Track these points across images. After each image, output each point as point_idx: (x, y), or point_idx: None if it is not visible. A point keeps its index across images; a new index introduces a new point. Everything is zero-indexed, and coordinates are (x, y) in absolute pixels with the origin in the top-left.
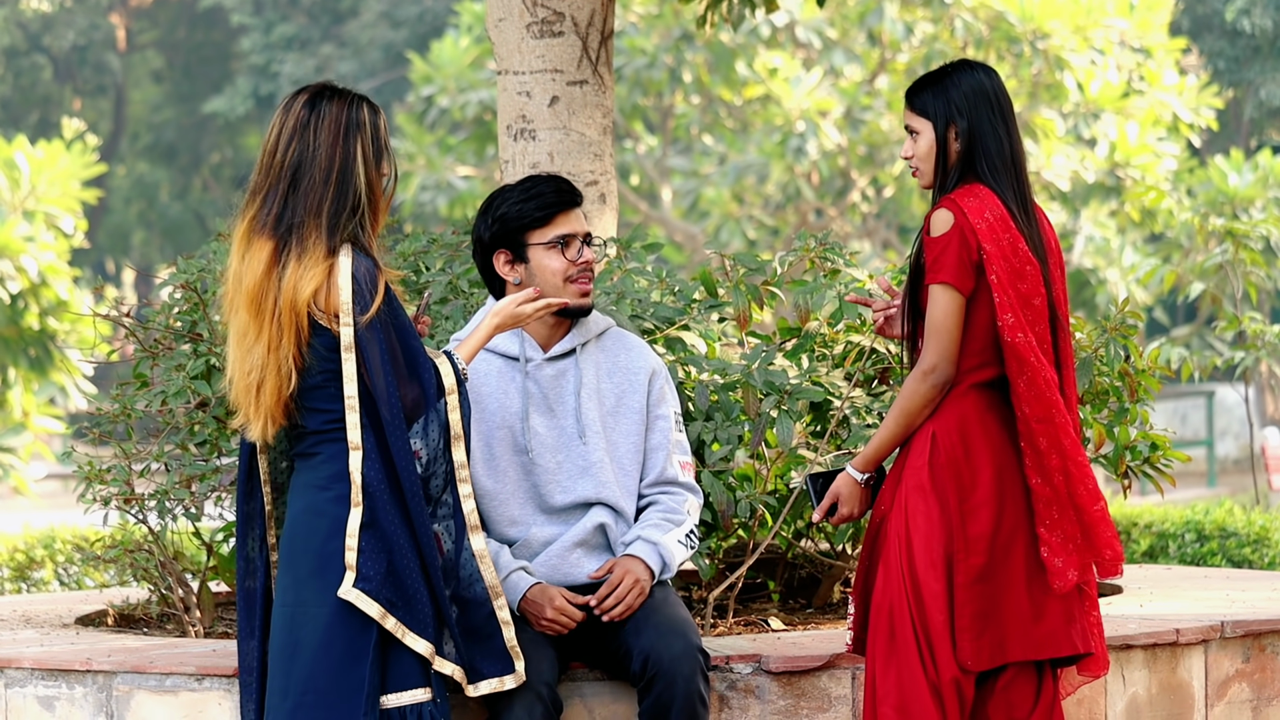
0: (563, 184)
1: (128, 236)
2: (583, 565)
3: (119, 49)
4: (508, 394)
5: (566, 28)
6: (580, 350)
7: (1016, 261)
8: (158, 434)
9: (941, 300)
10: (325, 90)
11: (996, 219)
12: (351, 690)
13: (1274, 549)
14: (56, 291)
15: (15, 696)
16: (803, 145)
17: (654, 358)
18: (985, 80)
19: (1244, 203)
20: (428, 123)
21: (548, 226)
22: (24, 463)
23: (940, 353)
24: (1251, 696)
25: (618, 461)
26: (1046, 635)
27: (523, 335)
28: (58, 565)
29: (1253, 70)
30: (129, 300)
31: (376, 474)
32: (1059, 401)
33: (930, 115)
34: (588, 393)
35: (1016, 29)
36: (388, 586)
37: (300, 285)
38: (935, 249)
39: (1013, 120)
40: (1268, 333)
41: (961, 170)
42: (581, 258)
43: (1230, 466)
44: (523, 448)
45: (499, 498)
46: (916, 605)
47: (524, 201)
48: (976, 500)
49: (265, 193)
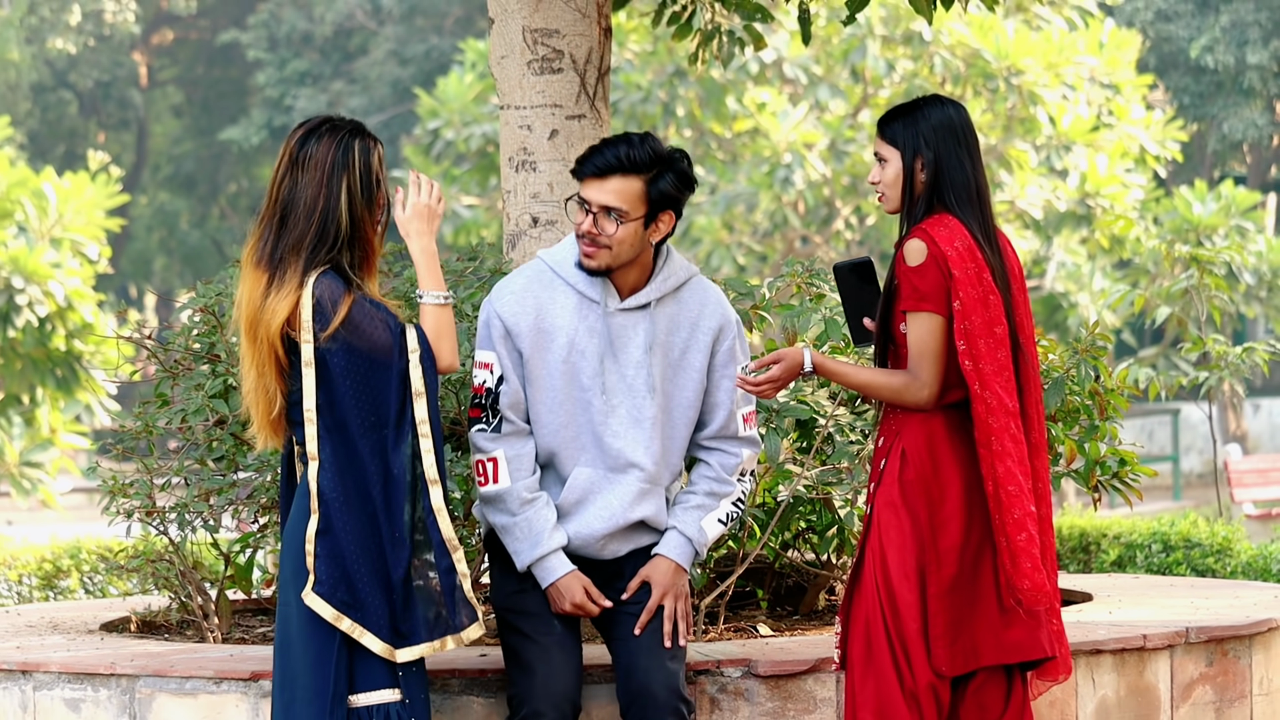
0: (613, 155)
1: (149, 263)
2: (621, 545)
3: (141, 85)
4: (578, 332)
5: (565, 65)
6: (655, 304)
7: (980, 290)
8: (178, 450)
9: (927, 325)
10: (321, 127)
11: (964, 248)
12: (321, 689)
13: (1236, 559)
14: (82, 315)
15: (43, 699)
16: (789, 176)
17: (728, 313)
18: (954, 115)
19: (1207, 231)
20: (434, 155)
21: (581, 184)
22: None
23: (934, 376)
24: (1215, 699)
25: (670, 416)
26: (1016, 641)
27: (605, 281)
28: (83, 575)
29: (1216, 105)
30: (150, 323)
31: (332, 483)
32: (1001, 429)
33: (899, 145)
34: (656, 346)
35: (992, 66)
36: (341, 589)
37: (275, 313)
38: (914, 277)
39: (977, 154)
40: (1230, 354)
41: (928, 200)
42: (581, 227)
43: (1195, 481)
44: (587, 386)
45: (552, 429)
46: (892, 615)
47: (586, 154)
48: (945, 514)
49: (263, 225)
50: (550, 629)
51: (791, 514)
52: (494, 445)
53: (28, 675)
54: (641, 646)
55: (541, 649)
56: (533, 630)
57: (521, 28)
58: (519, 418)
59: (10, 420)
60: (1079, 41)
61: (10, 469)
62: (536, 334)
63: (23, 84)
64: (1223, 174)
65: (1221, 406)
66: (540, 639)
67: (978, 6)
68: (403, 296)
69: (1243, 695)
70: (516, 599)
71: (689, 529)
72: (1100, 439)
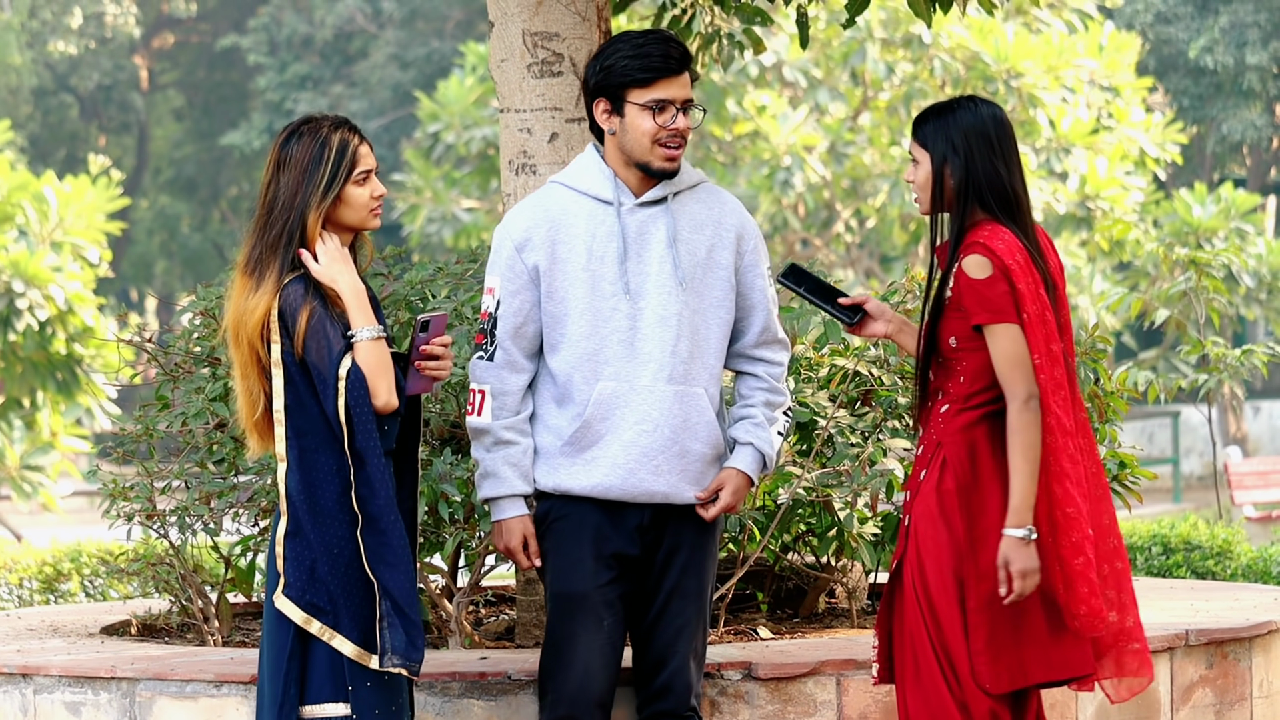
0: (673, 48)
1: (150, 266)
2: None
3: (142, 89)
4: (595, 237)
5: (565, 68)
6: (672, 199)
7: (1039, 306)
8: (178, 453)
9: (1009, 336)
10: (302, 126)
11: (1024, 261)
12: (275, 696)
13: (1236, 561)
14: (83, 318)
15: (44, 702)
16: (789, 179)
17: (746, 215)
18: (987, 117)
19: (1207, 233)
20: (434, 158)
21: (648, 89)
22: (52, 480)
23: (1028, 381)
24: (1215, 701)
25: (702, 315)
26: (1065, 658)
27: (616, 179)
28: (84, 578)
29: (1215, 107)
30: (151, 326)
31: (298, 486)
32: (1059, 448)
33: (929, 148)
34: (680, 242)
35: (992, 69)
36: (310, 591)
37: (253, 312)
38: (983, 289)
39: (1013, 157)
40: (1229, 356)
41: (962, 205)
42: (674, 124)
43: (1194, 483)
44: (610, 292)
45: (576, 340)
46: (935, 629)
47: (632, 58)
48: (985, 526)
49: (253, 230)
50: (599, 626)
51: (791, 516)
52: (485, 376)
53: (28, 678)
54: (671, 643)
55: (586, 645)
56: (582, 624)
57: (521, 31)
58: (517, 348)
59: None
60: (1078, 44)
61: (11, 472)
62: (552, 245)
63: (23, 88)
64: (1222, 176)
65: (1221, 409)
66: (587, 634)
67: (977, 9)
68: (402, 300)
69: (1243, 698)
70: (573, 584)
71: (762, 444)
72: (1100, 441)
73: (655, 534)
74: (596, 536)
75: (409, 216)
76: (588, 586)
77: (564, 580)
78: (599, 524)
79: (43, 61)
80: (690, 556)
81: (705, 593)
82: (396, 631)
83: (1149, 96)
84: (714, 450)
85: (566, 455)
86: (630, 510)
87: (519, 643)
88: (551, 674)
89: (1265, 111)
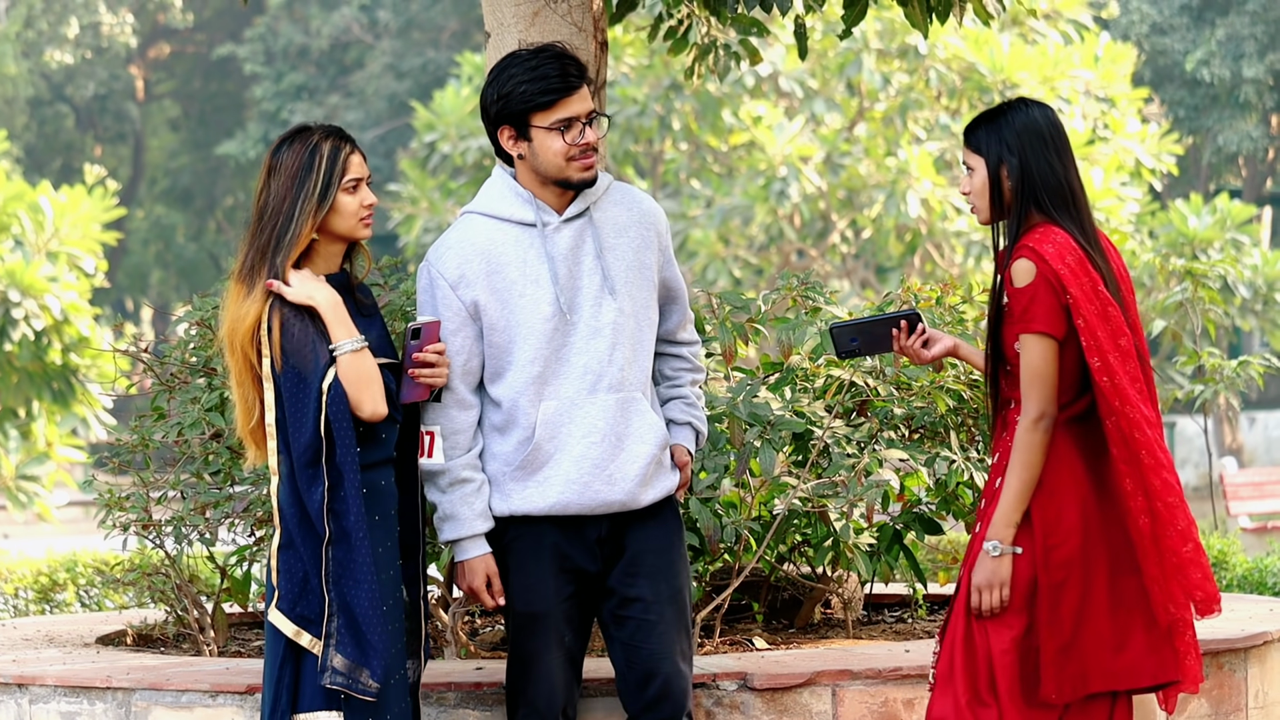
0: (569, 65)
1: (146, 276)
2: (614, 485)
3: (138, 98)
4: (528, 262)
5: None
6: (593, 208)
7: (1099, 304)
8: (174, 463)
9: (1038, 349)
10: (294, 135)
11: (1076, 262)
12: (272, 705)
13: (1231, 572)
14: (78, 328)
15: (39, 712)
16: (785, 189)
17: (656, 207)
18: (1039, 116)
19: (1203, 244)
20: (430, 168)
21: (550, 110)
22: (47, 490)
23: (1045, 399)
24: (1210, 712)
25: (636, 320)
26: (1129, 665)
27: (536, 201)
28: (79, 588)
29: (1211, 118)
30: (147, 337)
31: (289, 499)
32: (1150, 441)
33: (983, 152)
34: (606, 251)
35: (987, 80)
36: (302, 604)
37: (243, 319)
38: (1023, 299)
39: (1068, 155)
40: (1225, 367)
41: (1021, 207)
42: (582, 139)
43: (1190, 494)
44: (549, 314)
45: (522, 365)
46: (981, 633)
47: (529, 82)
48: (1063, 532)
49: (247, 240)
50: (560, 642)
51: (787, 527)
52: (434, 417)
53: (24, 688)
54: (658, 651)
55: (549, 662)
56: (544, 643)
57: (518, 41)
58: (464, 385)
59: (6, 434)
60: (1074, 55)
61: (6, 482)
62: (488, 277)
63: (19, 97)
64: (1218, 187)
65: (1217, 420)
66: (549, 652)
67: (973, 20)
68: (397, 310)
69: (1238, 709)
70: (534, 603)
71: (699, 422)
72: None
73: (614, 544)
74: (555, 554)
75: (404, 227)
76: (550, 605)
77: (525, 600)
78: (557, 541)
79: (38, 71)
80: (656, 562)
81: (681, 594)
82: (345, 648)
83: (1145, 107)
84: (660, 448)
85: (518, 480)
86: (588, 524)
87: None
88: (520, 691)
89: (1261, 123)
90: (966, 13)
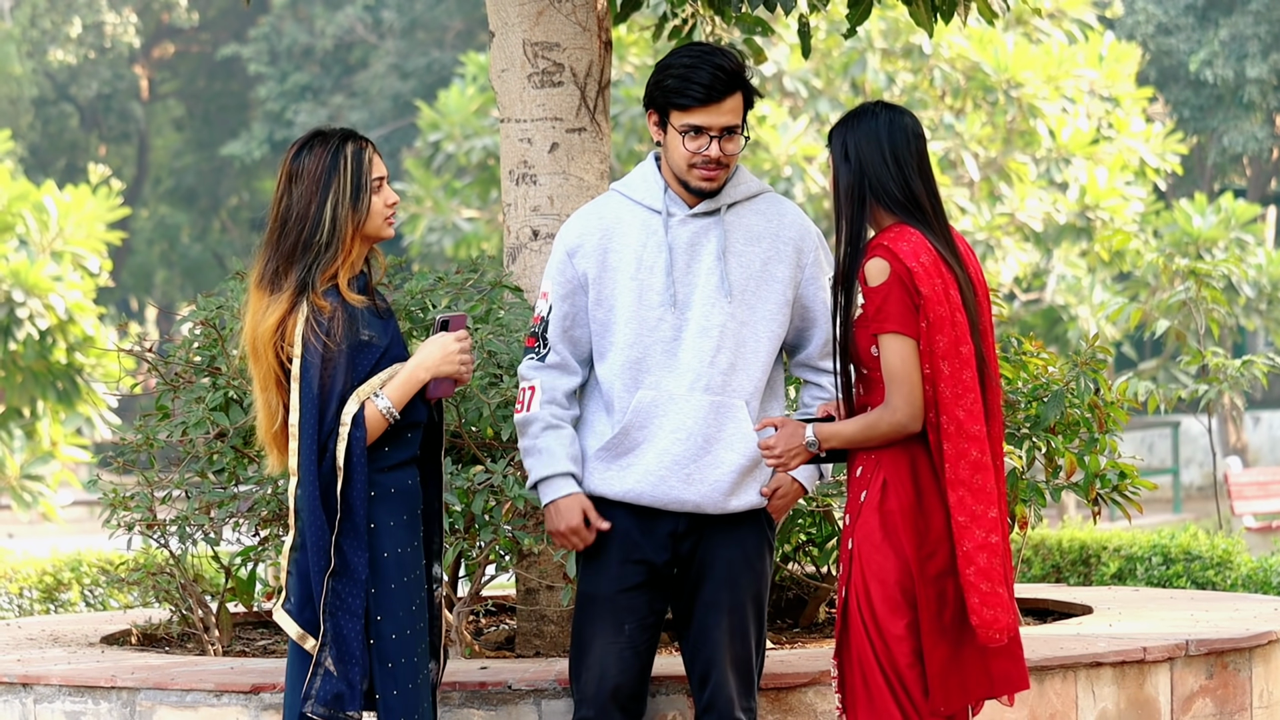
0: (721, 77)
1: (150, 276)
2: (691, 486)
3: (142, 98)
4: (647, 247)
5: (566, 78)
6: (727, 210)
7: (948, 308)
8: (178, 463)
9: (895, 348)
10: (313, 139)
11: (930, 263)
12: (293, 704)
13: (1236, 572)
14: (83, 328)
15: (44, 712)
16: (790, 189)
17: (807, 226)
18: (885, 123)
19: (1207, 243)
20: (434, 168)
21: (685, 113)
22: (52, 490)
23: (908, 400)
24: (1215, 711)
25: (751, 327)
26: (1004, 672)
27: (667, 190)
28: (84, 587)
29: (1215, 118)
30: (151, 336)
31: (303, 498)
32: (957, 455)
33: (832, 151)
34: (731, 254)
35: (992, 79)
36: (309, 607)
37: (266, 323)
38: (876, 299)
39: (908, 161)
40: (1229, 366)
41: (855, 208)
42: (706, 151)
43: (1195, 493)
44: (657, 303)
45: (621, 347)
46: (884, 652)
47: (677, 79)
48: (933, 543)
49: (267, 245)
50: (619, 629)
51: (792, 526)
52: (534, 374)
53: (28, 688)
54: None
55: (603, 647)
56: (601, 627)
57: (522, 41)
58: (568, 349)
59: (11, 433)
60: (1079, 54)
61: (11, 482)
62: (603, 253)
63: (24, 97)
64: (1222, 187)
65: (1221, 419)
66: (604, 637)
67: (978, 20)
68: (402, 310)
69: (1243, 708)
70: (596, 586)
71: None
72: (1100, 452)
73: (691, 544)
74: (625, 542)
75: (409, 226)
76: (610, 589)
77: (588, 582)
78: (629, 529)
79: (43, 71)
80: (726, 572)
81: (744, 606)
82: (329, 680)
83: (1149, 107)
84: (750, 461)
85: (603, 460)
86: (663, 518)
87: (519, 652)
88: (576, 675)
89: (1265, 123)
90: (971, 12)
